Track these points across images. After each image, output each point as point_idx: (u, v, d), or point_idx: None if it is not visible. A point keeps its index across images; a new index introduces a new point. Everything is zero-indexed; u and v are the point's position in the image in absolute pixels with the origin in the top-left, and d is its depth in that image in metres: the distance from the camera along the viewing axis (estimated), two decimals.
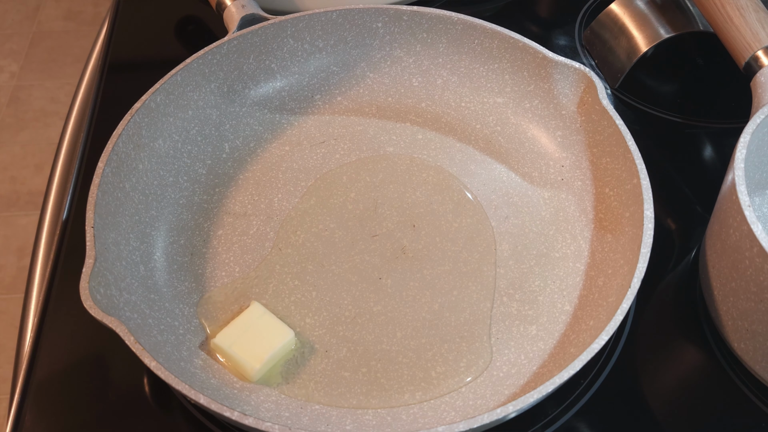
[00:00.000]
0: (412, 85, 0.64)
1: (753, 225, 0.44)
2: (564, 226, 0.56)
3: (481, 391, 0.48)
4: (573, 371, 0.42)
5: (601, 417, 0.48)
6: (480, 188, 0.58)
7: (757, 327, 0.47)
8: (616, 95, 0.67)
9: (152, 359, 0.42)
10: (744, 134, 0.49)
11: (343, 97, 0.64)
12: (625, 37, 0.66)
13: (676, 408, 0.49)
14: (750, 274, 0.45)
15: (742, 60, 0.55)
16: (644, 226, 0.48)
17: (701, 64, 0.70)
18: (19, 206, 1.55)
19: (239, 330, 0.49)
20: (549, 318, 0.51)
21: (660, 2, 0.66)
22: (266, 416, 0.46)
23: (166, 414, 0.48)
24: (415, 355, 0.50)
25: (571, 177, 0.58)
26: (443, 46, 0.63)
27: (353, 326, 0.51)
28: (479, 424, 0.40)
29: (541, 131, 0.60)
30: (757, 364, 0.49)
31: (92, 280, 0.45)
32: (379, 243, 0.55)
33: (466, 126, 0.62)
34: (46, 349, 0.51)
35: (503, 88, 0.62)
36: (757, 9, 0.56)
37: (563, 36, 0.72)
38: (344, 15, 0.62)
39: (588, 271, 0.53)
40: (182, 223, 0.55)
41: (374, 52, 0.64)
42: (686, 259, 0.56)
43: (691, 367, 0.51)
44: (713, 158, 0.63)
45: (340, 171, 0.59)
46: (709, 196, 0.56)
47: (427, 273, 0.53)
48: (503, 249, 0.55)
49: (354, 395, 0.48)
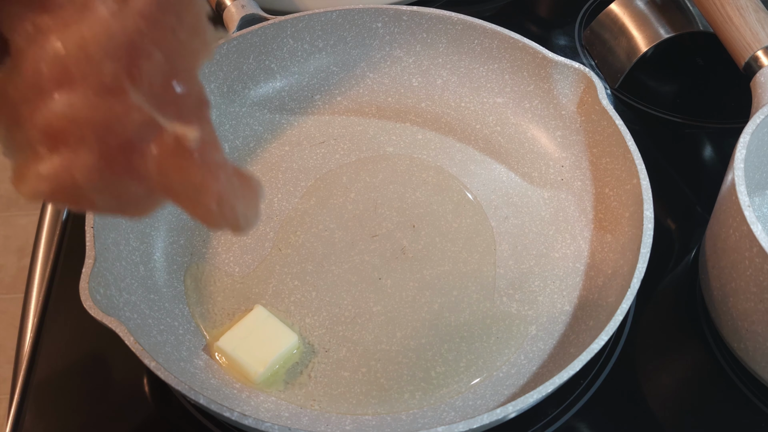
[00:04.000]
0: (412, 85, 0.64)
1: (753, 225, 0.44)
2: (564, 226, 0.56)
3: (481, 391, 0.48)
4: (573, 371, 0.42)
5: (601, 417, 0.48)
6: (480, 188, 0.58)
7: (757, 327, 0.47)
8: (616, 95, 0.67)
9: (152, 359, 0.42)
10: (744, 134, 0.49)
11: (343, 97, 0.64)
12: (625, 37, 0.66)
13: (676, 408, 0.49)
14: (750, 274, 0.45)
15: (742, 60, 0.55)
16: (644, 227, 0.48)
17: (701, 64, 0.70)
18: (19, 206, 1.55)
19: (243, 333, 0.49)
20: (549, 318, 0.51)
21: (660, 2, 0.66)
22: (266, 416, 0.46)
23: (166, 414, 0.48)
24: (415, 355, 0.50)
25: (571, 177, 0.58)
26: (443, 46, 0.63)
27: (353, 326, 0.51)
28: (479, 424, 0.41)
29: (541, 131, 0.60)
30: (757, 364, 0.49)
31: (92, 280, 0.45)
32: (379, 243, 0.55)
33: (466, 126, 0.62)
34: (46, 349, 0.51)
35: (503, 88, 0.62)
36: (757, 9, 0.56)
37: (563, 36, 0.72)
38: (344, 15, 0.62)
39: (588, 271, 0.53)
40: (182, 223, 0.55)
41: (374, 52, 0.64)
42: (686, 259, 0.56)
43: (691, 367, 0.51)
44: (713, 158, 0.63)
45: (339, 171, 0.59)
46: (709, 196, 0.56)
47: (427, 273, 0.53)
48: (503, 249, 0.55)
49: (354, 395, 0.48)
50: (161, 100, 0.27)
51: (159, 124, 0.26)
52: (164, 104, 0.27)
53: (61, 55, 0.26)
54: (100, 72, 0.26)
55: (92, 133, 0.26)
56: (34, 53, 0.26)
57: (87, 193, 0.27)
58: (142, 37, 0.26)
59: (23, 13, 0.26)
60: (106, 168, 0.26)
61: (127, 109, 0.26)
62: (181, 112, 0.27)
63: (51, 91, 0.26)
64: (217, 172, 0.28)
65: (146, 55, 0.26)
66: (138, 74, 0.26)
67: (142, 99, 0.26)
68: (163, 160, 0.27)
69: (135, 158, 0.27)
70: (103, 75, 0.26)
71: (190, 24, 0.27)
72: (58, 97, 0.26)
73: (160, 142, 0.27)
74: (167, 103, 0.27)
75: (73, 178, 0.26)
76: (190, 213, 0.28)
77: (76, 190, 0.27)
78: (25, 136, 0.27)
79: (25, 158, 0.27)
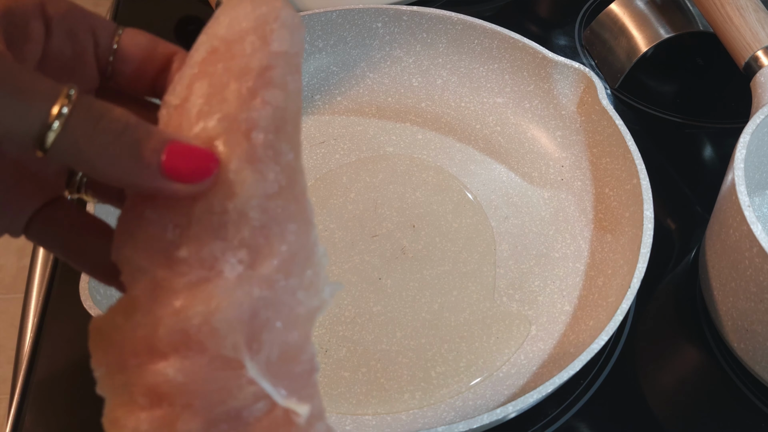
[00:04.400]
0: (412, 85, 0.64)
1: (753, 225, 0.44)
2: (564, 226, 0.56)
3: (481, 391, 0.48)
4: (573, 371, 0.42)
5: (601, 417, 0.48)
6: (480, 188, 0.58)
7: (757, 327, 0.47)
8: (616, 95, 0.67)
9: None
10: (744, 134, 0.49)
11: (343, 97, 0.64)
12: (625, 37, 0.66)
13: (676, 408, 0.49)
14: (750, 274, 0.45)
15: (742, 60, 0.55)
16: (644, 227, 0.48)
17: (701, 64, 0.70)
18: None
19: None
20: (549, 318, 0.51)
21: (660, 2, 0.66)
22: None
23: None
24: (414, 355, 0.50)
25: (571, 177, 0.58)
26: (443, 46, 0.63)
27: (353, 326, 0.51)
28: (479, 424, 0.40)
29: (541, 131, 0.60)
30: (757, 364, 0.49)
31: (92, 280, 0.45)
32: (379, 243, 0.55)
33: (466, 126, 0.62)
34: (46, 349, 0.51)
35: (503, 88, 0.62)
36: (757, 9, 0.56)
37: (563, 36, 0.72)
38: (344, 15, 0.62)
39: (588, 271, 0.53)
40: None
41: (374, 52, 0.64)
42: (686, 259, 0.56)
43: (690, 367, 0.51)
44: (713, 158, 0.63)
45: (339, 171, 0.59)
46: (709, 196, 0.56)
47: (427, 273, 0.53)
48: (503, 249, 0.55)
49: (354, 395, 0.48)
50: (276, 371, 0.25)
51: (271, 398, 0.25)
52: (278, 376, 0.25)
53: (183, 321, 0.24)
54: (221, 345, 0.24)
55: (201, 402, 0.24)
56: (153, 310, 0.24)
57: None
58: (265, 306, 0.24)
59: (146, 265, 0.24)
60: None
61: (241, 384, 0.24)
62: (293, 383, 0.25)
63: (166, 354, 0.24)
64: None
65: (268, 326, 0.24)
66: (258, 347, 0.24)
67: (257, 373, 0.24)
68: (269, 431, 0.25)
69: (240, 429, 0.25)
70: (223, 348, 0.24)
71: (309, 282, 0.26)
72: (172, 362, 0.24)
73: (269, 418, 0.25)
74: (281, 375, 0.25)
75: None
76: None
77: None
78: (125, 381, 0.25)
79: (121, 402, 0.25)
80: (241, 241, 0.24)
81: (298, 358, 0.26)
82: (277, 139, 0.24)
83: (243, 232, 0.24)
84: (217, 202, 0.24)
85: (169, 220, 0.24)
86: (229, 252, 0.24)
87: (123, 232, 0.25)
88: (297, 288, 0.25)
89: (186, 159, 0.23)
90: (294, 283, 0.25)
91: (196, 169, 0.23)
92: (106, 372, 0.26)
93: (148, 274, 0.24)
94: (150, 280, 0.24)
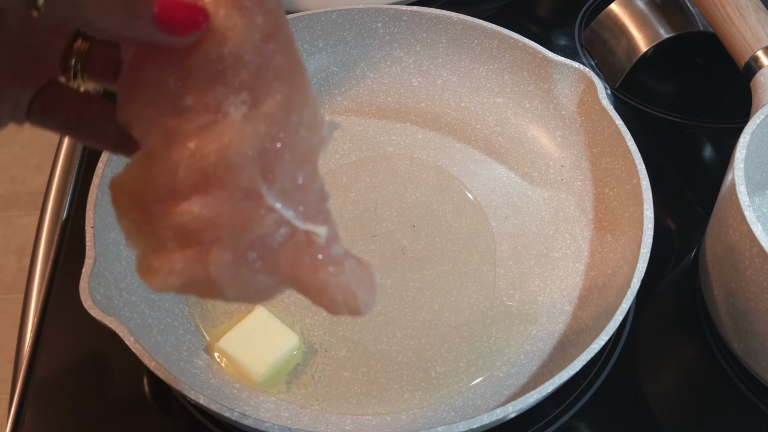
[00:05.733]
0: (412, 85, 0.64)
1: (753, 225, 0.44)
2: (564, 226, 0.56)
3: (481, 391, 0.48)
4: (573, 371, 0.42)
5: (601, 417, 0.48)
6: (480, 188, 0.58)
7: (757, 327, 0.47)
8: (616, 95, 0.67)
9: (152, 359, 0.42)
10: (744, 134, 0.49)
11: (343, 97, 0.64)
12: (625, 37, 0.66)
13: (676, 408, 0.49)
14: (750, 274, 0.45)
15: (742, 60, 0.55)
16: (644, 227, 0.48)
17: (701, 64, 0.70)
18: (19, 206, 1.55)
19: (244, 334, 0.49)
20: (549, 318, 0.51)
21: (660, 2, 0.66)
22: (266, 416, 0.46)
23: (166, 414, 0.48)
24: (415, 355, 0.50)
25: (571, 177, 0.58)
26: (443, 46, 0.63)
27: (353, 326, 0.51)
28: (479, 424, 0.40)
29: (541, 131, 0.60)
30: (757, 364, 0.49)
31: (92, 280, 0.45)
32: (379, 243, 0.55)
33: (466, 126, 0.62)
34: (46, 349, 0.51)
35: (503, 88, 0.62)
36: (757, 9, 0.56)
37: (563, 36, 0.72)
38: (344, 15, 0.62)
39: (588, 271, 0.53)
40: None
41: (374, 52, 0.64)
42: (686, 259, 0.56)
43: (691, 367, 0.51)
44: (713, 158, 0.63)
45: (339, 171, 0.59)
46: (709, 196, 0.56)
47: (427, 273, 0.53)
48: (503, 249, 0.55)
49: (354, 395, 0.48)
50: (291, 199, 0.27)
51: (291, 223, 0.27)
52: (294, 203, 0.27)
53: (200, 161, 0.25)
54: (239, 177, 0.26)
55: (228, 234, 0.26)
56: (169, 157, 0.26)
57: (218, 287, 0.27)
58: (273, 140, 0.26)
59: (155, 117, 0.26)
60: (239, 264, 0.27)
61: (262, 213, 0.26)
62: (308, 209, 0.28)
63: (188, 194, 0.26)
64: (343, 264, 0.28)
65: (278, 158, 0.26)
66: (272, 178, 0.26)
67: (276, 201, 0.26)
68: (295, 257, 0.27)
69: (267, 255, 0.27)
70: (241, 180, 0.26)
71: (308, 120, 0.28)
72: (195, 201, 0.26)
73: (292, 241, 0.27)
74: (297, 202, 0.27)
75: (207, 274, 0.26)
76: (316, 302, 0.28)
77: (209, 285, 0.27)
78: (152, 229, 0.27)
79: (152, 250, 0.27)
80: (241, 83, 0.26)
81: (310, 187, 0.28)
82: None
83: (242, 75, 0.26)
84: (213, 50, 0.26)
85: (169, 74, 0.26)
86: (232, 95, 0.26)
87: (125, 92, 0.27)
88: (298, 125, 0.27)
89: (176, 10, 0.25)
90: (295, 120, 0.27)
91: (186, 19, 0.25)
92: (132, 226, 0.28)
93: (159, 125, 0.26)
94: (161, 130, 0.26)
